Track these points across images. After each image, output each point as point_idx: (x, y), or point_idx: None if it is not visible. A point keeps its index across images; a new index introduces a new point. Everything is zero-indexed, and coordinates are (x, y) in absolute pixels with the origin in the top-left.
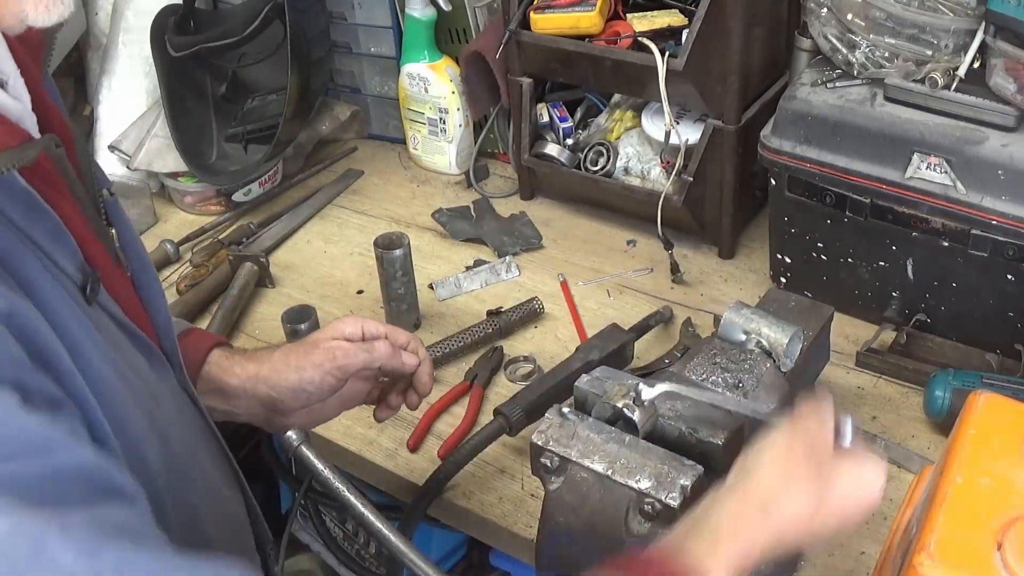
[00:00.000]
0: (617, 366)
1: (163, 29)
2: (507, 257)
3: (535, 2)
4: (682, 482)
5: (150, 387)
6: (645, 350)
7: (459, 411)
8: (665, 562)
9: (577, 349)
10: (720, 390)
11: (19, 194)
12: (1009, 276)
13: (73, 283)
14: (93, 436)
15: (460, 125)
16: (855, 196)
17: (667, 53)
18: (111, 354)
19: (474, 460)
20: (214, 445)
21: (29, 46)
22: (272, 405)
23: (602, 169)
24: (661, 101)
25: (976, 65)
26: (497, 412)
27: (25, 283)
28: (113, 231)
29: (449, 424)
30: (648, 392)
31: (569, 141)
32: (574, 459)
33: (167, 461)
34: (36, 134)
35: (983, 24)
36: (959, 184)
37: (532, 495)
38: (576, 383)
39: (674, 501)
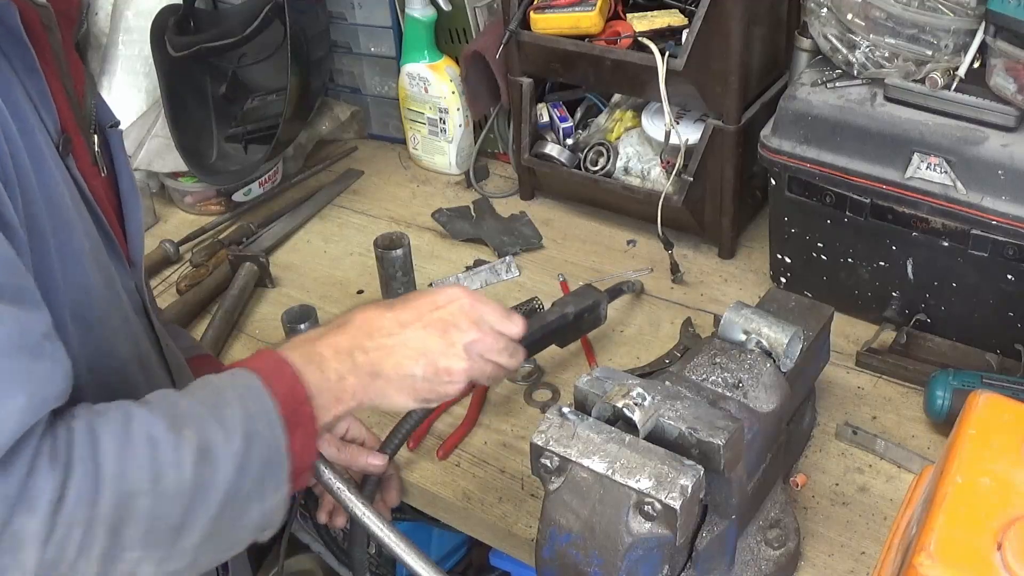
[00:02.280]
0: (591, 324)
1: (163, 29)
2: (507, 257)
3: (535, 2)
4: (682, 482)
5: (99, 255)
6: (645, 350)
7: (460, 411)
8: (264, 354)
9: (553, 304)
10: (720, 390)
11: (22, 51)
12: (1009, 276)
13: (51, 139)
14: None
15: (460, 125)
16: (855, 196)
17: (667, 53)
18: (81, 208)
19: (474, 460)
20: (156, 352)
21: (66, 17)
22: None
23: (602, 169)
24: (661, 101)
25: (976, 65)
26: None
27: (24, 126)
28: (96, 137)
29: (450, 424)
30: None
31: (569, 141)
32: (574, 459)
33: (104, 327)
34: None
35: (983, 24)
36: (959, 184)
37: (532, 495)
38: (576, 383)
39: (674, 501)
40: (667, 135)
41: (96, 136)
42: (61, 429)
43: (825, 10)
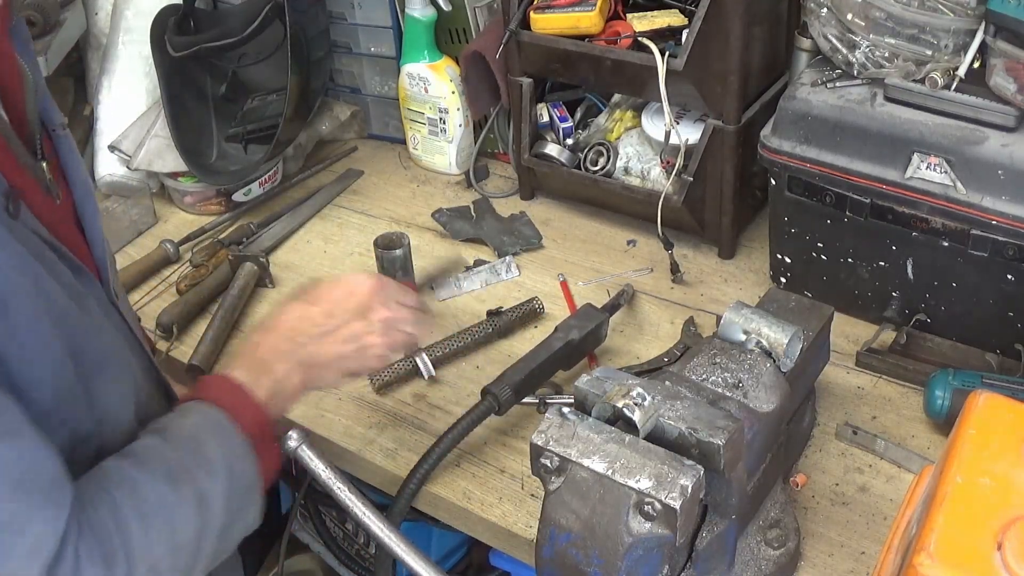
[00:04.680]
0: (593, 344)
1: (163, 29)
2: (507, 257)
3: (535, 2)
4: (682, 482)
5: (73, 294)
6: (645, 350)
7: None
8: (219, 383)
9: (556, 329)
10: (720, 390)
11: None
12: (1009, 276)
13: None
14: None
15: (460, 125)
16: (855, 196)
17: (667, 53)
18: (31, 262)
19: (474, 460)
20: (138, 350)
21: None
22: None
23: (602, 169)
24: (661, 101)
25: (976, 65)
26: (485, 392)
27: None
28: (44, 164)
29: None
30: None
31: (569, 141)
32: (574, 459)
33: (73, 360)
34: None
35: (983, 24)
36: (959, 184)
37: (532, 495)
38: (576, 383)
39: (674, 501)
40: (667, 135)
41: (43, 155)
42: (90, 524)
43: (825, 10)
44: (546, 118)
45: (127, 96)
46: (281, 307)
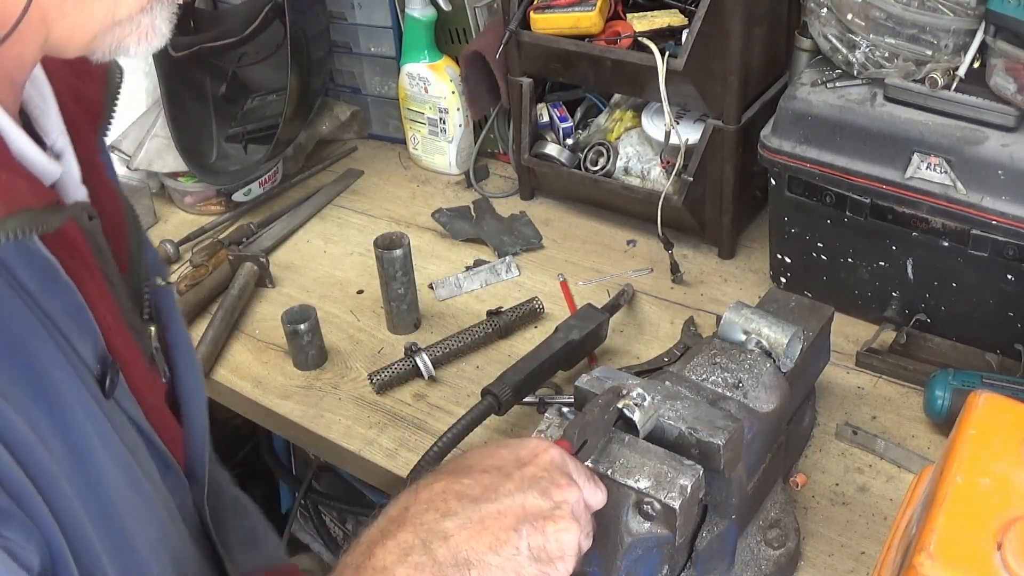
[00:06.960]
0: (594, 345)
1: None
2: (507, 257)
3: (535, 2)
4: (682, 482)
5: (164, 500)
6: (645, 350)
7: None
8: None
9: (557, 329)
10: (720, 390)
11: (38, 261)
12: (1009, 276)
13: (89, 372)
14: (75, 554)
15: (460, 125)
16: (855, 196)
17: (667, 53)
18: (126, 457)
19: None
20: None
21: (86, 107)
22: None
23: (602, 169)
24: (661, 101)
25: (976, 65)
26: (486, 392)
27: (32, 367)
28: (152, 329)
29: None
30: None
31: (569, 141)
32: None
33: None
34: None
35: (983, 24)
36: (959, 184)
37: None
38: (576, 383)
39: (674, 501)
40: (667, 135)
41: (151, 316)
42: None
43: (825, 10)
44: (546, 118)
45: (127, 96)
46: (417, 489)
